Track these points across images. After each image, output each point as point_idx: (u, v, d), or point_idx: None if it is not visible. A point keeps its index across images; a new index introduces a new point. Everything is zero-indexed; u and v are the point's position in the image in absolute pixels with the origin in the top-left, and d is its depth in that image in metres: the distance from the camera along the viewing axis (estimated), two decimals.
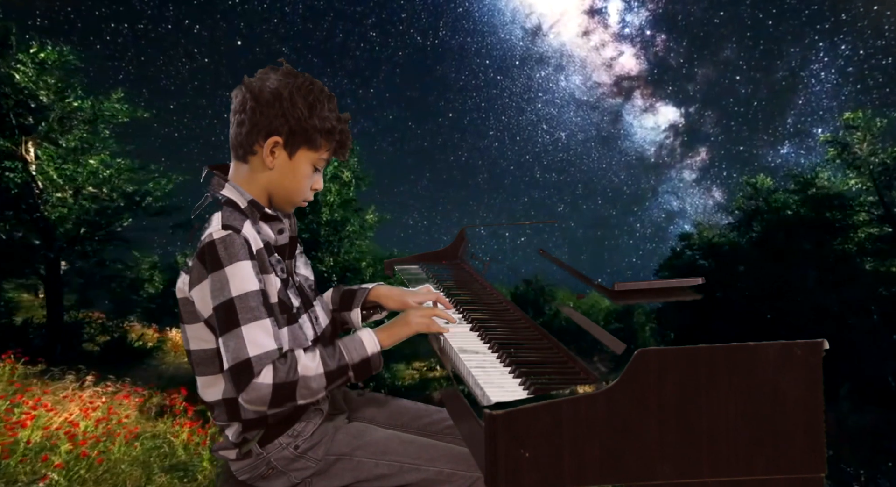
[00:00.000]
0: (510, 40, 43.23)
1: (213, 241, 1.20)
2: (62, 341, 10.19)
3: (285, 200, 1.36)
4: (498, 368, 1.17)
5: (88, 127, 10.14)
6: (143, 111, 10.88)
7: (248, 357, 1.14)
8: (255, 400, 1.14)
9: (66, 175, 9.61)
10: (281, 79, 1.28)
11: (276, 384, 1.14)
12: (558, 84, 53.23)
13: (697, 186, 72.38)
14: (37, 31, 16.66)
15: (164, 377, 9.98)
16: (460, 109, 66.55)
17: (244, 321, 1.16)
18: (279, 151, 1.31)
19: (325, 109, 1.29)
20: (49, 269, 10.13)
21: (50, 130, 9.50)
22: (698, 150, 76.45)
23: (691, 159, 76.24)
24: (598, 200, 49.66)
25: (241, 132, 1.30)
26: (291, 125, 1.28)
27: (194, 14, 74.52)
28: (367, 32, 46.59)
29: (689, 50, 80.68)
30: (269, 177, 1.33)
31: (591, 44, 54.22)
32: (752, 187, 18.97)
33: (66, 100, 9.55)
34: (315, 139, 1.31)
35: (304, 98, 1.28)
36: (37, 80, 9.06)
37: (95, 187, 10.06)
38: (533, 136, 59.52)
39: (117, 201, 10.33)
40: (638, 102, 72.68)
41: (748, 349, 0.92)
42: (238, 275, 1.18)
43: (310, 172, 1.35)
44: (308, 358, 1.20)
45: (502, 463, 0.87)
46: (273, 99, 1.26)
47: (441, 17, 41.07)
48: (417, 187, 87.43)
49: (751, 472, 0.92)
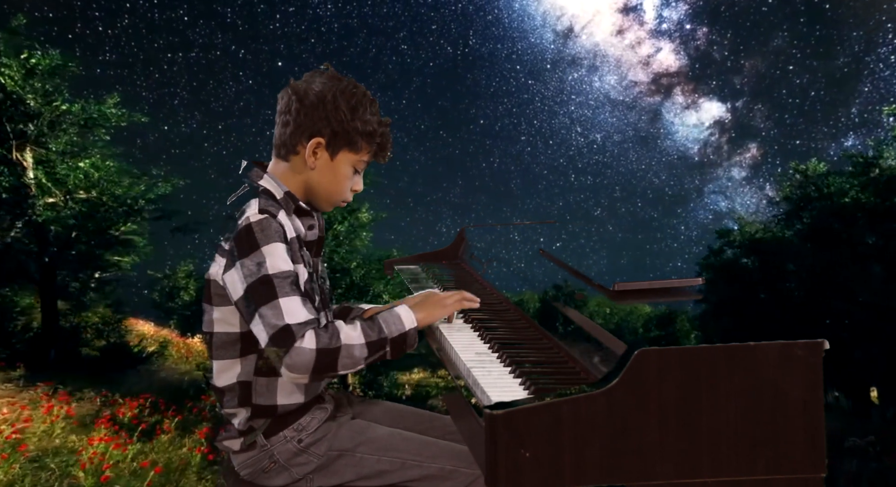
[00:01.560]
0: (541, 44, 43.53)
1: (249, 224, 1.22)
2: (56, 346, 10.14)
3: (325, 199, 1.40)
4: (498, 368, 1.17)
5: (79, 130, 10.14)
6: (141, 116, 10.89)
7: (288, 323, 1.14)
8: (297, 365, 1.13)
9: (55, 179, 9.60)
10: (325, 82, 1.32)
11: (319, 348, 1.14)
12: (592, 85, 52.99)
13: (748, 184, 68.94)
14: (110, 66, 16.89)
15: (154, 384, 9.89)
16: (491, 116, 66.60)
17: (282, 294, 1.17)
18: (321, 151, 1.34)
19: (367, 113, 1.33)
20: (43, 273, 10.11)
21: (40, 133, 9.50)
22: (748, 146, 73.02)
23: (740, 156, 72.74)
24: (637, 202, 48.93)
25: (286, 132, 1.34)
26: (334, 127, 1.32)
27: (240, 40, 75.92)
28: (398, 45, 47.40)
29: (734, 42, 78.06)
30: (310, 176, 1.36)
31: (626, 42, 53.74)
32: (802, 173, 15.81)
33: (53, 103, 9.54)
34: (357, 141, 1.34)
35: (347, 101, 1.31)
36: (23, 84, 9.08)
37: (85, 191, 10.05)
38: (566, 139, 59.18)
39: (108, 204, 10.31)
40: (678, 99, 70.68)
41: (748, 349, 0.92)
42: (274, 254, 1.20)
43: (350, 173, 1.38)
44: (350, 328, 1.21)
45: (502, 463, 0.87)
46: (317, 101, 1.30)
47: (471, 26, 41.59)
48: (450, 194, 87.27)
49: (751, 472, 0.92)
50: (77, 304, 11.92)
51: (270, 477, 1.33)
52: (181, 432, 5.44)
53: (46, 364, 9.13)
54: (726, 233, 17.47)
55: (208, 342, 1.33)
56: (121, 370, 10.43)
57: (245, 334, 1.29)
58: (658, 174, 59.44)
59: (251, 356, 1.30)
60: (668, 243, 71.20)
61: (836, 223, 14.29)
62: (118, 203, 10.44)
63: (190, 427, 5.71)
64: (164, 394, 7.56)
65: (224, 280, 1.26)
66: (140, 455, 4.47)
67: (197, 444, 4.87)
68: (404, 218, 74.87)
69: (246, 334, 1.29)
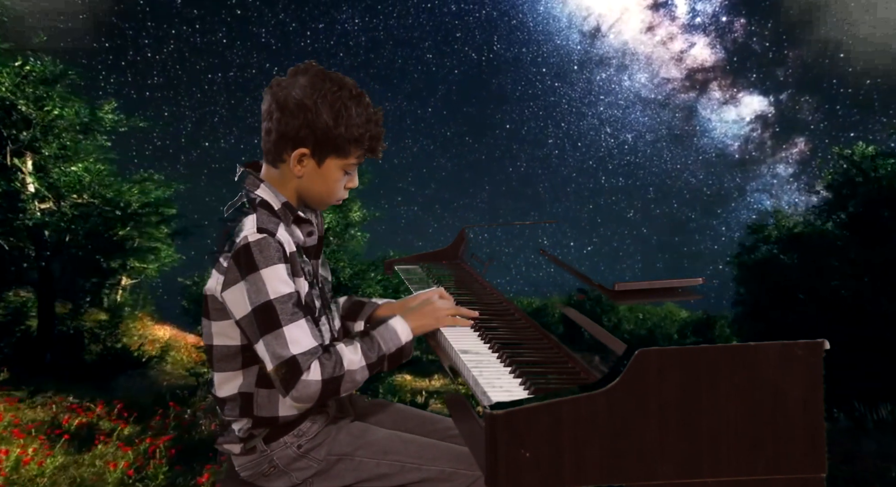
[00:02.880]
0: (567, 46, 42.41)
1: (248, 244, 1.20)
2: (52, 349, 10.11)
3: (317, 202, 1.38)
4: (498, 368, 1.17)
5: (73, 135, 10.15)
6: (139, 121, 10.92)
7: (294, 355, 1.16)
8: (304, 398, 1.16)
9: (49, 183, 9.61)
10: (306, 86, 1.25)
11: (324, 379, 1.17)
12: (621, 84, 51.20)
13: (796, 181, 65.10)
14: (158, 88, 17.27)
15: (134, 389, 9.68)
16: (517, 120, 65.62)
17: (284, 321, 1.18)
18: (307, 160, 1.30)
19: (352, 116, 1.27)
20: (41, 277, 10.09)
21: (33, 139, 9.51)
22: (794, 141, 68.66)
23: (786, 152, 68.48)
24: (672, 203, 47.07)
25: (270, 140, 1.30)
26: (317, 136, 1.26)
27: (273, 59, 76.59)
28: (423, 55, 46.97)
29: (775, 32, 74.72)
30: (300, 183, 1.33)
31: (657, 39, 51.96)
32: (847, 158, 13.38)
33: (44, 108, 9.55)
34: (343, 147, 1.29)
35: (329, 107, 1.25)
36: (14, 90, 9.10)
37: (77, 194, 10.04)
38: (596, 140, 57.46)
39: (100, 208, 10.30)
40: (715, 94, 67.65)
41: (748, 349, 0.92)
42: (274, 277, 1.20)
43: (340, 176, 1.34)
44: (350, 351, 1.23)
45: (502, 463, 0.87)
46: (297, 110, 1.24)
47: (495, 32, 40.86)
48: (477, 199, 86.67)
49: (751, 472, 0.92)
50: (75, 308, 11.87)
51: (270, 481, 1.33)
52: (130, 443, 4.95)
53: (41, 368, 9.09)
54: (760, 228, 15.14)
55: (209, 355, 1.32)
56: (114, 374, 10.35)
57: (245, 346, 1.28)
58: (695, 173, 57.44)
59: (253, 368, 1.29)
60: (707, 244, 68.72)
61: (886, 211, 12.46)
62: (112, 206, 10.41)
63: (142, 437, 5.17)
64: (140, 401, 7.17)
65: (224, 298, 1.24)
66: (60, 470, 4.17)
67: (129, 458, 4.45)
68: (432, 224, 74.61)
69: (246, 346, 1.28)
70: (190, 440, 5.33)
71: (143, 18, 62.41)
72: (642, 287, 1.07)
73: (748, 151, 39.20)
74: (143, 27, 62.79)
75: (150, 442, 4.78)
